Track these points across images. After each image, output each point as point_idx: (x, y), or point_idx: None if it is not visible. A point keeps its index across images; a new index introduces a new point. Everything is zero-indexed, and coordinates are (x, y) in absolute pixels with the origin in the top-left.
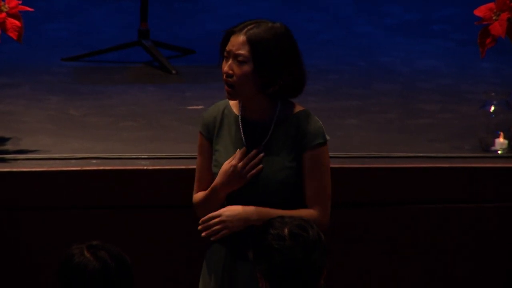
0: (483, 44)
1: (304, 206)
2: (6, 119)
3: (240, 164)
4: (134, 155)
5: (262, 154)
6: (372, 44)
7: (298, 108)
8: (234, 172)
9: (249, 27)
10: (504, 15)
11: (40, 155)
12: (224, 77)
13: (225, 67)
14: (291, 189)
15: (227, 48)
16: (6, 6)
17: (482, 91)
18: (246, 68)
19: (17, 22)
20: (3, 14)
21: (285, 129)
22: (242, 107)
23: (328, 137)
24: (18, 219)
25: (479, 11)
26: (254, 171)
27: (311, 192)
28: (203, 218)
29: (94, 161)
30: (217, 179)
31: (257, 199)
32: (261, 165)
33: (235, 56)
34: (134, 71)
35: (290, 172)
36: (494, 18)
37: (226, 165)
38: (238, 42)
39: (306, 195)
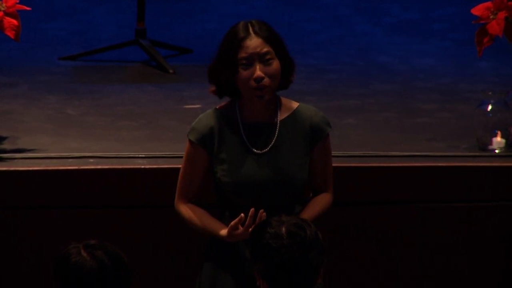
0: (480, 43)
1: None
2: (4, 118)
3: (244, 229)
4: (131, 154)
5: (262, 211)
6: (371, 43)
7: (294, 103)
8: (240, 237)
9: (253, 28)
10: (501, 14)
11: (37, 154)
12: (255, 83)
13: (257, 72)
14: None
15: (247, 54)
16: (4, 5)
17: (479, 90)
18: (276, 64)
19: (14, 21)
20: (1, 13)
21: (291, 126)
22: (240, 111)
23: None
24: (15, 218)
25: (477, 10)
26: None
27: (324, 177)
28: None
29: (92, 160)
30: (225, 236)
31: (279, 198)
32: (264, 213)
33: (262, 56)
34: (131, 70)
35: (307, 167)
36: (491, 17)
37: (235, 233)
38: (257, 43)
39: (318, 179)
